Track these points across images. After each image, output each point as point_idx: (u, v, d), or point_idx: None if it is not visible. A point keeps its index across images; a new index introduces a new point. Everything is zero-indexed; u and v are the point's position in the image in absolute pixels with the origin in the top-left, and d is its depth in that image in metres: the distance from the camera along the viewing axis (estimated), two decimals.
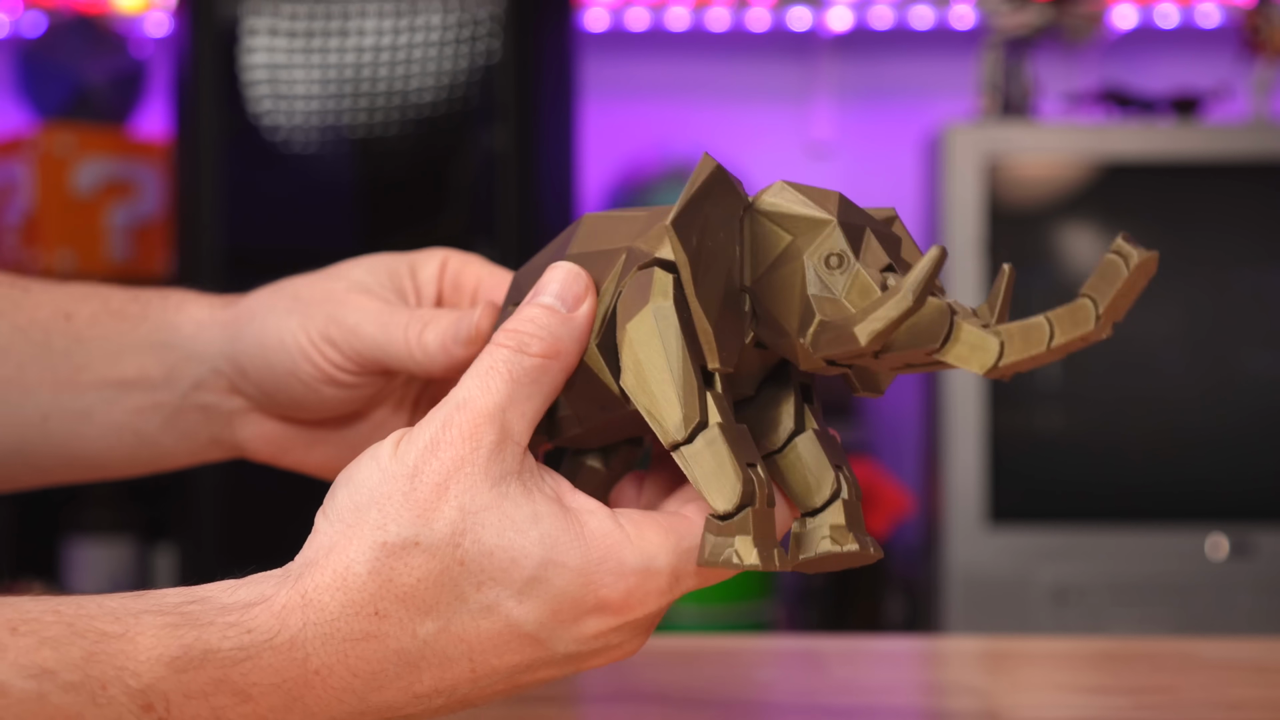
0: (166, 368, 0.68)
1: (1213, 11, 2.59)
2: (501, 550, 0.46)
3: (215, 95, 1.91)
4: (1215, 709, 0.71)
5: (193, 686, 0.44)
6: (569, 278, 0.51)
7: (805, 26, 2.65)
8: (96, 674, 0.43)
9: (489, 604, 0.46)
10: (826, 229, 0.48)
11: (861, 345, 0.45)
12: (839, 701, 0.73)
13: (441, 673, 0.47)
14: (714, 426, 0.48)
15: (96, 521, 2.26)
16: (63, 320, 0.68)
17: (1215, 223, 2.26)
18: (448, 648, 0.46)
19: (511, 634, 0.47)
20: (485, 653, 0.47)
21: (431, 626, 0.46)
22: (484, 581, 0.46)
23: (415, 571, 0.46)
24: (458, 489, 0.46)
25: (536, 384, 0.49)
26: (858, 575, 2.37)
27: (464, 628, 0.46)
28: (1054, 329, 0.45)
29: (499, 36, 1.89)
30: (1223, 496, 2.22)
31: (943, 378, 2.22)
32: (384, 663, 0.46)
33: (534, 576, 0.46)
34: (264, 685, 0.45)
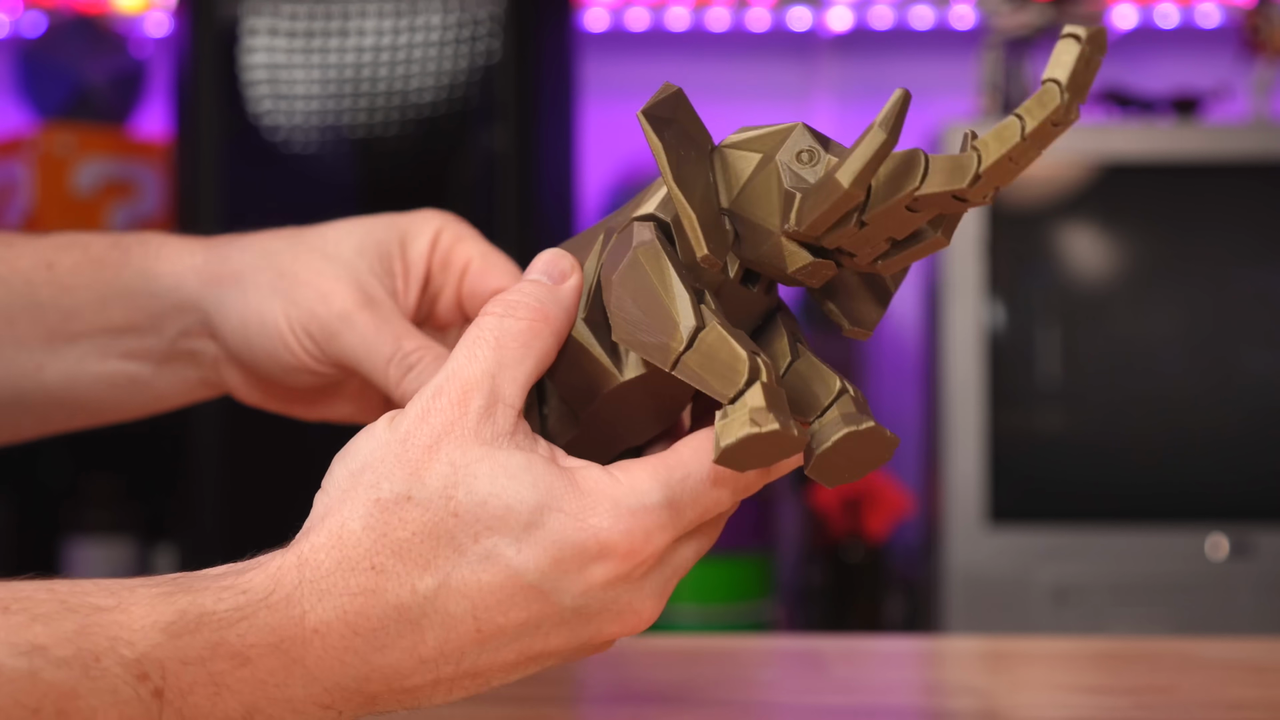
0: (151, 315, 0.68)
1: (1213, 11, 2.59)
2: (495, 497, 0.46)
3: (215, 95, 1.91)
4: (1215, 709, 0.71)
5: (189, 652, 0.44)
6: (553, 256, 0.52)
7: (805, 26, 2.65)
8: (89, 647, 0.43)
9: (487, 553, 0.46)
10: (794, 132, 0.49)
11: (845, 187, 0.45)
12: (839, 701, 0.73)
13: (446, 633, 0.46)
14: (712, 326, 0.48)
15: (96, 521, 2.26)
16: (45, 270, 0.68)
17: (1215, 223, 2.26)
18: (450, 604, 0.46)
19: (514, 585, 0.46)
20: (489, 609, 0.46)
21: (431, 581, 0.45)
22: (480, 531, 0.46)
23: (409, 525, 0.46)
24: (448, 447, 0.46)
25: (526, 348, 0.49)
26: (858, 575, 2.37)
27: (464, 581, 0.46)
28: (1024, 118, 0.45)
29: (499, 36, 1.89)
30: (1223, 496, 2.21)
31: (943, 379, 2.22)
32: (384, 619, 0.45)
33: (530, 521, 0.46)
34: (262, 646, 0.44)
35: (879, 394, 2.63)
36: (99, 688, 0.42)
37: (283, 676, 0.45)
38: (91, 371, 0.69)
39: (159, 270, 0.68)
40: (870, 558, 2.37)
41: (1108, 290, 2.26)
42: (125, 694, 0.43)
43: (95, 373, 0.69)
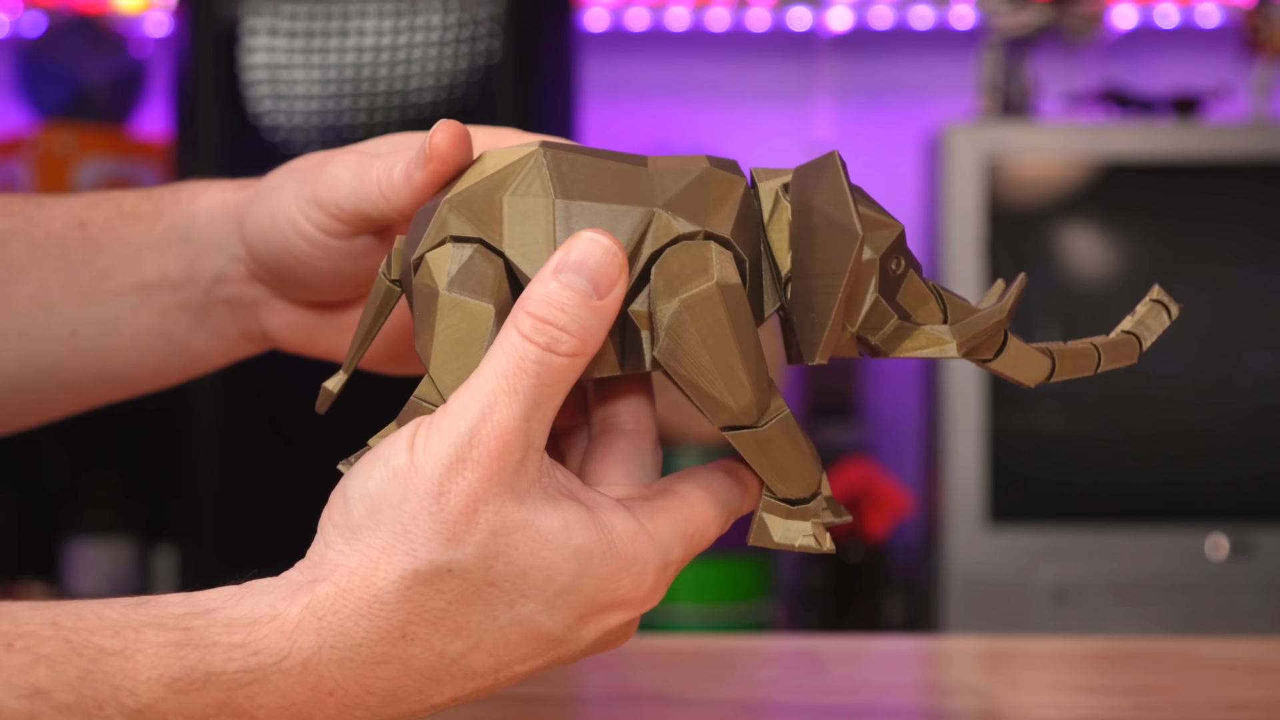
0: (185, 263, 0.65)
1: (1213, 11, 2.59)
2: (536, 570, 0.45)
3: (215, 95, 1.91)
4: (1215, 709, 0.71)
5: (193, 709, 0.43)
6: (606, 259, 0.46)
7: (805, 26, 2.65)
8: (92, 694, 0.42)
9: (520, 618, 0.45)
10: (894, 236, 0.49)
11: (954, 353, 0.49)
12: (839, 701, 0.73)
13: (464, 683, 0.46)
14: (788, 414, 0.49)
15: (96, 521, 2.26)
16: (78, 229, 0.66)
17: (1215, 223, 2.26)
18: (475, 663, 0.45)
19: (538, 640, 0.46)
20: (510, 663, 0.46)
21: (461, 646, 0.45)
22: (516, 599, 0.45)
23: (447, 596, 0.44)
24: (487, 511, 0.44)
25: (560, 383, 0.46)
26: (858, 575, 2.37)
27: (494, 643, 0.45)
28: (1101, 357, 0.51)
29: (499, 36, 1.89)
30: (1223, 496, 2.22)
31: (943, 377, 2.21)
32: (405, 680, 0.45)
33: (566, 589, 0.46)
34: (271, 708, 0.44)
35: (879, 394, 2.63)
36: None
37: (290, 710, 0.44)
38: (126, 334, 0.67)
39: (192, 212, 0.65)
40: (870, 558, 2.37)
41: (1108, 290, 2.26)
42: None
43: (130, 334, 0.67)
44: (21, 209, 0.67)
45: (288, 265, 0.62)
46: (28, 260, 0.66)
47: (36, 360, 0.67)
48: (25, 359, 0.67)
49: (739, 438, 0.48)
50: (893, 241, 0.49)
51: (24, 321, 0.67)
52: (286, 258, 0.61)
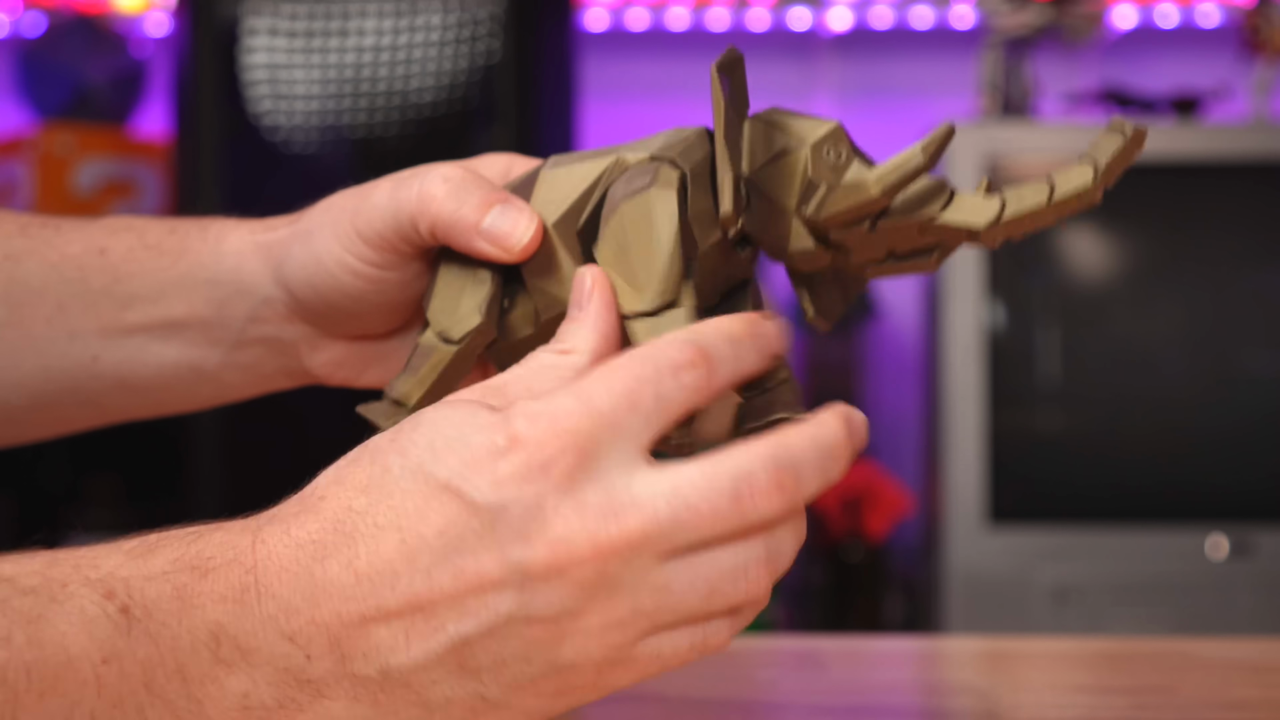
0: (216, 305, 0.65)
1: (1213, 11, 2.59)
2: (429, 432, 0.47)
3: (215, 95, 1.91)
4: (1215, 709, 0.71)
5: (152, 568, 0.45)
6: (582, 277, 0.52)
7: (805, 26, 2.66)
8: (56, 575, 0.44)
9: (412, 467, 0.46)
10: (831, 129, 0.52)
11: (873, 194, 0.49)
12: (839, 701, 0.73)
13: (375, 545, 0.45)
14: (686, 308, 0.50)
15: (96, 521, 2.26)
16: (97, 255, 0.66)
17: (1215, 223, 2.26)
18: (379, 516, 0.46)
19: (430, 488, 0.45)
20: (409, 515, 0.45)
21: (365, 501, 0.46)
22: (407, 453, 0.46)
23: (351, 460, 0.48)
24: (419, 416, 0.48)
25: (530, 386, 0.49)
26: (858, 575, 2.37)
27: (390, 493, 0.46)
28: (1054, 186, 0.48)
29: (499, 36, 1.89)
30: (1223, 496, 2.22)
31: (943, 379, 2.22)
32: (321, 531, 0.46)
33: (455, 436, 0.46)
34: (219, 560, 0.46)
35: (879, 394, 2.63)
36: (67, 610, 0.43)
37: (238, 588, 0.45)
38: (151, 363, 0.67)
39: (220, 253, 0.65)
40: (870, 558, 2.37)
41: (1108, 290, 2.26)
42: (92, 612, 0.43)
43: (155, 364, 0.67)
44: (39, 231, 0.67)
45: (338, 304, 0.62)
46: (43, 281, 0.66)
47: (57, 380, 0.67)
48: (45, 379, 0.68)
49: (635, 325, 0.50)
50: (825, 134, 0.51)
51: (42, 343, 0.67)
52: (337, 296, 0.61)
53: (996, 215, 0.48)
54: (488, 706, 0.46)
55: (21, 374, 0.67)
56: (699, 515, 0.45)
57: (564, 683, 0.46)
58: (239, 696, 0.45)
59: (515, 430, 0.45)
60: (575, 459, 0.45)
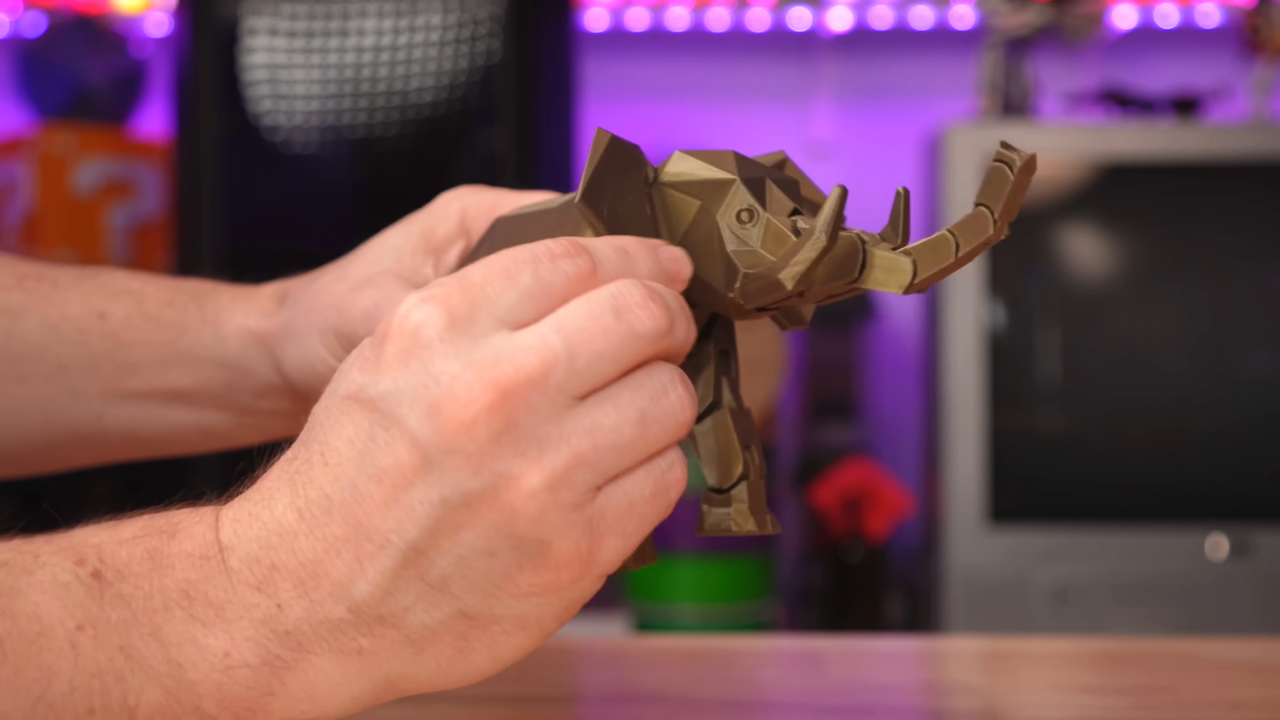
0: (222, 383, 0.67)
1: (1213, 11, 2.59)
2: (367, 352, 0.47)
3: (215, 95, 1.91)
4: (1215, 709, 0.71)
5: (123, 532, 0.46)
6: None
7: (805, 26, 2.66)
8: (29, 549, 0.44)
9: (324, 398, 0.46)
10: (731, 188, 0.51)
11: (788, 289, 0.49)
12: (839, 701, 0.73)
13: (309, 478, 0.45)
14: (725, 410, 0.52)
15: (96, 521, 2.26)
16: (96, 320, 0.67)
17: (1215, 223, 2.26)
18: (310, 453, 0.46)
19: (336, 406, 0.45)
20: (327, 438, 0.45)
21: (299, 447, 0.47)
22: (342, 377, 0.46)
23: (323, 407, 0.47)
24: None
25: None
26: (858, 575, 2.37)
27: (311, 427, 0.46)
28: (958, 240, 0.49)
29: (499, 36, 1.89)
30: (1223, 496, 2.22)
31: (943, 379, 2.22)
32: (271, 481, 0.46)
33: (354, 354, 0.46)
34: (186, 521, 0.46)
35: (879, 394, 2.63)
36: (39, 580, 0.43)
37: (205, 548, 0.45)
38: (158, 423, 0.68)
39: (222, 335, 0.66)
40: (870, 558, 2.37)
41: (1108, 290, 2.26)
42: (64, 578, 0.43)
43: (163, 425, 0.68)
44: (35, 285, 0.68)
45: None
46: (43, 340, 0.67)
47: (60, 432, 0.69)
48: (47, 431, 0.69)
49: None
50: (729, 200, 0.51)
51: (42, 399, 0.68)
52: None
53: (909, 280, 0.49)
54: (476, 626, 0.44)
55: (23, 425, 0.69)
56: (589, 335, 0.43)
57: (548, 573, 0.44)
58: (219, 656, 0.44)
59: (389, 320, 0.44)
60: (448, 321, 0.43)
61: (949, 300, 2.21)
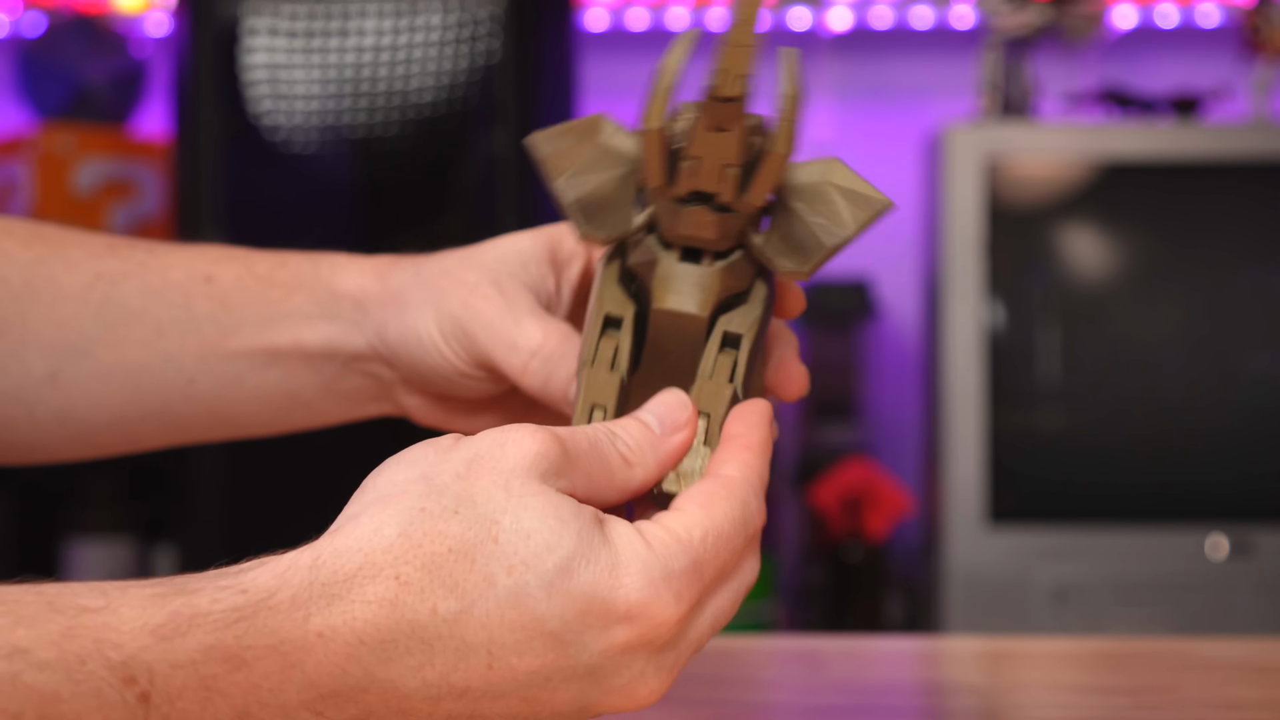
0: (325, 340, 0.66)
1: (1213, 11, 2.59)
2: (538, 534, 0.44)
3: (215, 95, 1.91)
4: (1215, 709, 0.71)
5: (180, 655, 0.41)
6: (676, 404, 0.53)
7: (805, 26, 2.65)
8: (74, 649, 0.40)
9: (517, 591, 0.44)
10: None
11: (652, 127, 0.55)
12: (839, 701, 0.73)
13: (456, 661, 0.43)
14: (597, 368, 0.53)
15: (96, 521, 2.26)
16: (203, 283, 0.67)
17: (1215, 223, 2.26)
18: (467, 634, 0.43)
19: (536, 629, 0.44)
20: (505, 647, 0.44)
21: (454, 605, 0.43)
22: (515, 565, 0.44)
23: (447, 540, 0.43)
24: (510, 476, 0.45)
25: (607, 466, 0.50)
26: (858, 575, 2.37)
27: (488, 614, 0.43)
28: None
29: (499, 36, 1.89)
30: (1223, 496, 2.22)
31: (943, 379, 2.22)
32: (396, 632, 0.43)
33: (564, 568, 0.44)
34: (259, 649, 0.42)
35: (879, 394, 2.63)
36: (82, 691, 0.40)
37: (278, 681, 0.42)
38: (248, 388, 0.67)
39: (337, 294, 0.66)
40: (870, 558, 2.37)
41: (1108, 290, 2.26)
42: (110, 698, 0.41)
43: (252, 389, 0.67)
44: (131, 253, 0.68)
45: (431, 378, 0.64)
46: (142, 303, 0.67)
47: (146, 402, 0.68)
48: (133, 400, 0.68)
49: None
50: None
51: (134, 364, 0.67)
52: (431, 373, 0.64)
53: None
54: None
55: (109, 393, 0.67)
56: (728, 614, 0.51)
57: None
58: None
59: (632, 599, 0.46)
60: (681, 632, 0.48)
61: (949, 300, 2.21)
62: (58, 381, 0.67)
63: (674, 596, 0.46)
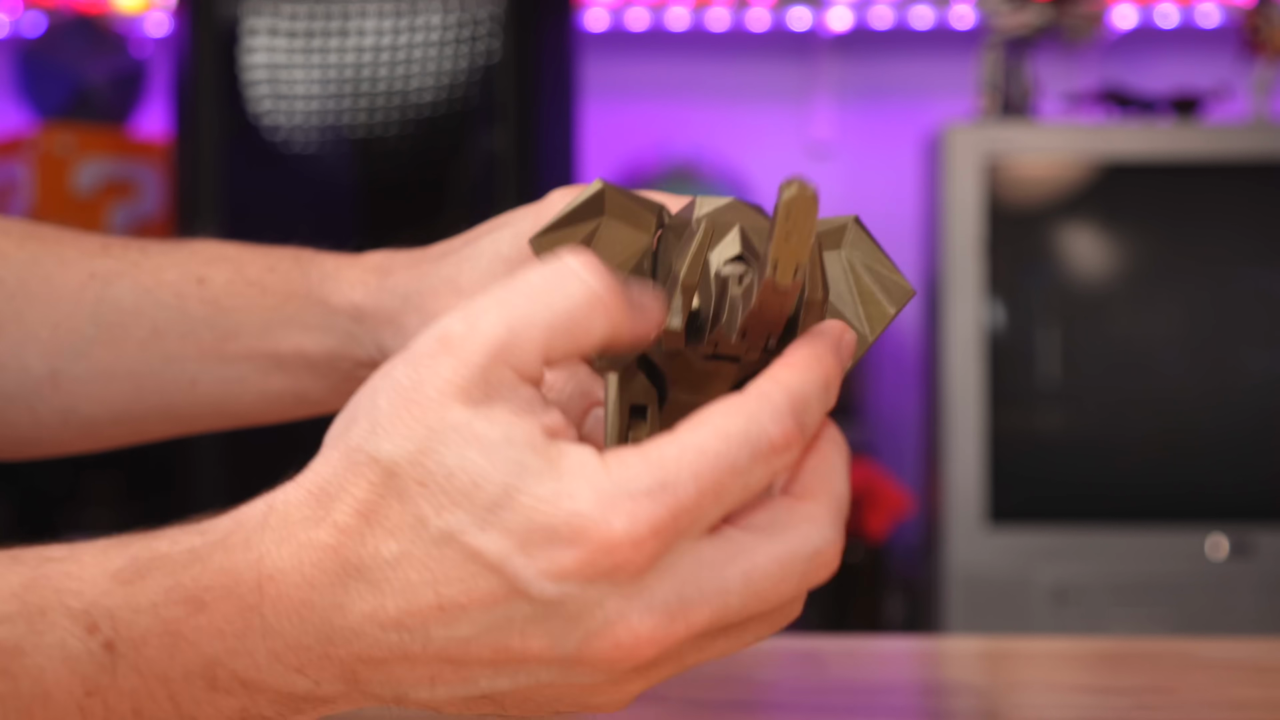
0: (326, 349, 0.65)
1: (1213, 11, 2.59)
2: (462, 471, 0.40)
3: (215, 95, 1.91)
4: (1215, 709, 0.71)
5: (140, 599, 0.41)
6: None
7: (805, 26, 2.65)
8: (35, 601, 0.40)
9: (449, 530, 0.41)
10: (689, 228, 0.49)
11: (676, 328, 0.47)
12: (839, 701, 0.73)
13: (406, 600, 0.41)
14: None
15: (96, 521, 2.26)
16: (195, 285, 0.66)
17: (1215, 223, 2.26)
18: (410, 573, 0.41)
19: (475, 563, 0.41)
20: (450, 583, 0.41)
21: (393, 547, 0.41)
22: (443, 504, 0.41)
23: (377, 486, 0.41)
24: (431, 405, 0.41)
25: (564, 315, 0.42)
26: (858, 575, 2.37)
27: (426, 553, 0.41)
28: None
29: (499, 36, 1.89)
30: (1223, 496, 2.22)
31: (943, 379, 2.22)
32: (342, 575, 0.41)
33: (496, 501, 0.40)
34: (216, 589, 0.41)
35: (879, 394, 2.63)
36: (45, 643, 0.40)
37: (240, 626, 0.41)
38: (253, 389, 0.67)
39: (329, 307, 0.64)
40: (870, 558, 2.37)
41: (1108, 290, 2.26)
42: (74, 648, 0.40)
43: (257, 389, 0.67)
44: (124, 253, 0.67)
45: None
46: (136, 303, 0.66)
47: (149, 400, 0.67)
48: (136, 398, 0.67)
49: None
50: None
51: (135, 364, 0.67)
52: None
53: None
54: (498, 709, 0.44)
55: (111, 391, 0.67)
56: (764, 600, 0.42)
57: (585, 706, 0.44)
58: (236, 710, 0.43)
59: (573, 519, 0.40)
60: (647, 561, 0.40)
61: (949, 300, 2.21)
62: (58, 381, 0.67)
63: (626, 515, 0.40)
